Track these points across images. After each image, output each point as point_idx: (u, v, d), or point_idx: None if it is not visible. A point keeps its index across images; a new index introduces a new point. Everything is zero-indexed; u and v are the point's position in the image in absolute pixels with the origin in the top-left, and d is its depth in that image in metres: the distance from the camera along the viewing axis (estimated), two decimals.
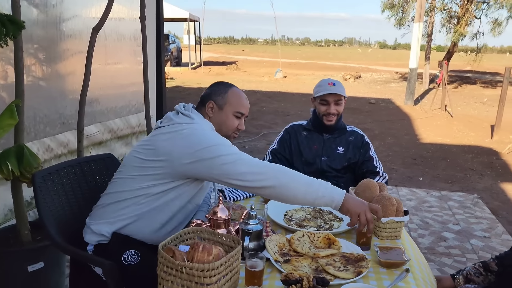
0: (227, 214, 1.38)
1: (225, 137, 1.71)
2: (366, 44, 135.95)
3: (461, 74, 20.65)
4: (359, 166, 2.45)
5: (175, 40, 23.39)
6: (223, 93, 1.76)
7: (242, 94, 1.80)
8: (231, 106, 1.74)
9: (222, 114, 1.75)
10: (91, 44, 3.13)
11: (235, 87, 1.81)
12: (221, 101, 1.75)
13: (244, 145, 6.61)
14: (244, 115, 1.79)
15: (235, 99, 1.76)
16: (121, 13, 4.35)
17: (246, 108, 1.79)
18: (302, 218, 1.76)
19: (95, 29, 3.15)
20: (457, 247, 3.25)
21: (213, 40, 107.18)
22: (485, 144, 7.00)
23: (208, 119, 1.75)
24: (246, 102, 1.80)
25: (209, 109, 1.76)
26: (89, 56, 3.14)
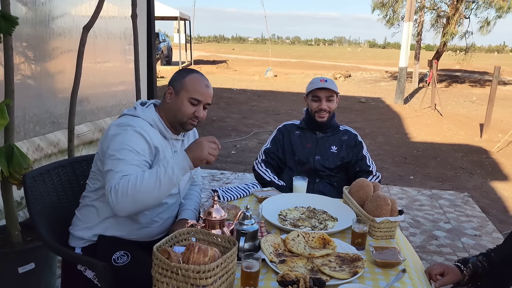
0: (222, 215, 1.38)
1: (181, 124, 1.72)
2: (355, 43, 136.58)
3: (450, 73, 20.86)
4: (352, 166, 2.46)
5: (165, 38, 23.26)
6: (181, 78, 1.73)
7: (202, 81, 1.74)
8: (187, 92, 1.70)
9: (177, 100, 1.71)
10: (82, 42, 3.08)
11: (196, 73, 1.76)
12: (178, 86, 1.72)
13: (236, 144, 6.60)
14: (201, 102, 1.72)
15: (191, 85, 1.71)
16: (111, 11, 4.30)
17: (203, 95, 1.72)
18: (296, 218, 1.75)
19: (86, 28, 3.11)
20: (448, 246, 3.28)
21: (204, 38, 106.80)
22: (475, 142, 7.08)
23: (167, 105, 1.74)
24: (205, 89, 1.73)
25: (168, 95, 1.74)
26: (80, 55, 3.11)
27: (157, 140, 1.69)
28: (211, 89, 1.77)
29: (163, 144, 1.73)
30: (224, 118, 8.72)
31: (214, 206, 1.39)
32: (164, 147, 1.73)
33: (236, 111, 9.62)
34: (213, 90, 1.81)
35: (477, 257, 1.58)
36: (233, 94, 12.40)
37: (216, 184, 4.57)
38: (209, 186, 4.48)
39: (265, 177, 2.42)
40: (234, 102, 10.97)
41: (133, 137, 1.61)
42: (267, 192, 2.01)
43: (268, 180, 2.39)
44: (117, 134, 1.62)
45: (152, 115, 1.72)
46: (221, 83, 15.11)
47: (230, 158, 5.80)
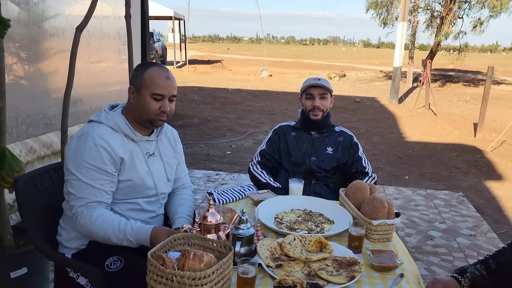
0: (218, 219, 1.36)
1: (149, 122, 1.67)
2: (350, 42, 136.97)
3: (444, 72, 20.97)
4: (348, 167, 2.45)
5: (160, 38, 23.19)
6: (140, 75, 1.64)
7: (161, 73, 1.64)
8: (147, 88, 1.61)
9: (140, 98, 1.63)
10: (75, 43, 3.05)
11: (155, 66, 1.66)
12: (138, 84, 1.64)
13: (231, 145, 6.58)
14: (165, 96, 1.63)
15: (150, 80, 1.62)
16: (105, 11, 4.27)
17: (165, 88, 1.63)
18: (292, 221, 1.74)
19: (79, 28, 3.07)
20: (444, 246, 3.28)
21: (199, 38, 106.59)
22: (469, 142, 7.11)
23: (131, 106, 1.67)
24: (166, 82, 1.63)
25: (130, 95, 1.67)
26: (73, 55, 3.07)
27: (121, 148, 1.63)
28: (173, 80, 1.68)
29: (131, 148, 1.67)
30: (219, 118, 8.70)
31: (209, 210, 1.37)
32: (132, 152, 1.67)
33: (231, 111, 9.60)
34: (206, 89, 1.77)
35: (474, 265, 1.54)
36: (228, 94, 12.38)
37: (212, 185, 4.55)
38: (205, 188, 4.46)
39: (261, 179, 2.40)
40: (229, 102, 10.95)
41: (92, 151, 1.57)
42: (263, 194, 1.99)
43: (264, 182, 2.38)
44: (77, 148, 1.59)
45: (115, 119, 1.65)
46: (216, 83, 15.09)
47: (226, 159, 5.78)
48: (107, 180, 1.60)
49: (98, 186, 1.58)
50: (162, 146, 1.83)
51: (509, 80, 19.12)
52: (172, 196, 1.93)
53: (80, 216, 1.56)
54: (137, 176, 1.69)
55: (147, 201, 1.76)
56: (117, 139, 1.65)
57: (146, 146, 1.75)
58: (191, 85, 13.99)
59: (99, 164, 1.57)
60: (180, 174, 1.97)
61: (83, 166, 1.57)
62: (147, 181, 1.73)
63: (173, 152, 1.89)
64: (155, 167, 1.77)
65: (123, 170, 1.65)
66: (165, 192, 1.84)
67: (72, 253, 1.70)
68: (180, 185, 1.98)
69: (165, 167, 1.82)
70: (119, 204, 1.71)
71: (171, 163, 1.87)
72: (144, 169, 1.72)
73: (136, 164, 1.69)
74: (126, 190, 1.69)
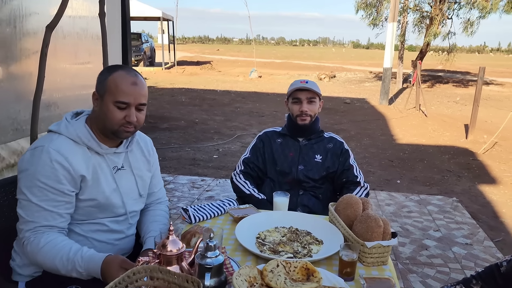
0: (180, 247, 1.15)
1: (113, 133, 1.46)
2: (340, 43, 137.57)
3: (433, 73, 20.98)
4: (338, 176, 2.26)
5: (148, 39, 22.93)
6: (104, 79, 1.44)
7: (127, 79, 1.43)
8: (110, 94, 1.41)
9: (103, 106, 1.43)
10: (45, 43, 2.85)
11: (121, 70, 1.45)
12: (102, 89, 1.44)
13: (218, 148, 6.38)
14: (130, 105, 1.43)
15: (114, 86, 1.41)
16: (81, 10, 4.04)
17: (130, 96, 1.42)
18: (276, 242, 1.54)
19: (49, 27, 2.87)
20: (439, 256, 3.12)
21: (188, 39, 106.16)
22: (461, 144, 6.99)
23: (95, 114, 1.48)
24: (132, 88, 1.42)
25: (94, 101, 1.47)
26: (43, 56, 2.87)
27: (82, 163, 1.43)
28: (142, 86, 1.46)
29: (95, 163, 1.47)
30: (207, 121, 8.49)
31: (169, 238, 1.16)
32: (96, 167, 1.47)
33: (219, 113, 9.39)
34: (194, 91, 1.56)
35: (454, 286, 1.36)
36: (217, 95, 12.17)
37: (196, 191, 4.35)
38: (189, 195, 4.25)
39: (244, 190, 2.21)
40: (218, 104, 10.74)
41: (46, 168, 1.36)
42: (244, 210, 1.79)
43: (248, 193, 2.19)
44: (30, 163, 1.38)
45: (77, 130, 1.45)
46: (205, 84, 14.86)
47: (212, 163, 5.57)
48: (61, 202, 1.39)
49: (51, 208, 1.37)
50: (133, 157, 1.62)
51: (497, 80, 19.19)
52: (144, 212, 1.73)
53: (27, 242, 1.36)
54: (102, 195, 1.48)
55: (114, 221, 1.56)
56: (78, 153, 1.44)
57: (113, 159, 1.54)
58: (179, 87, 13.75)
59: (54, 183, 1.37)
60: (154, 188, 1.76)
61: (34, 185, 1.36)
62: (114, 199, 1.52)
63: (146, 163, 1.69)
64: (124, 182, 1.57)
65: (85, 189, 1.45)
66: (135, 210, 1.64)
67: (26, 281, 1.50)
68: (154, 200, 1.78)
69: (137, 181, 1.62)
70: (81, 224, 1.50)
71: (144, 176, 1.66)
72: (111, 186, 1.51)
73: (101, 180, 1.48)
74: (89, 210, 1.49)
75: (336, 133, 2.46)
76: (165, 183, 4.57)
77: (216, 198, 4.19)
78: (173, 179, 4.73)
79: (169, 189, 4.39)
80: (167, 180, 4.67)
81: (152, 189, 1.75)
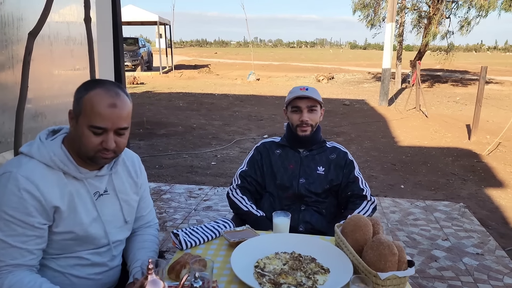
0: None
1: (90, 159, 1.28)
2: (337, 45, 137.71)
3: (431, 73, 20.86)
4: (342, 189, 2.10)
5: (145, 44, 22.83)
6: (79, 98, 1.25)
7: (106, 99, 1.24)
8: (85, 117, 1.23)
9: (78, 128, 1.25)
10: (28, 50, 2.68)
11: (100, 88, 1.26)
12: (77, 109, 1.26)
13: (216, 154, 6.21)
14: (108, 130, 1.25)
15: (90, 107, 1.22)
16: (69, 15, 3.88)
17: (108, 120, 1.23)
18: (277, 271, 1.37)
19: (32, 34, 2.70)
20: (450, 268, 2.95)
21: (186, 43, 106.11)
22: (464, 145, 6.83)
23: (71, 135, 1.31)
24: (110, 111, 1.23)
25: (70, 121, 1.30)
26: (25, 65, 2.70)
27: (56, 192, 1.26)
28: (122, 108, 1.26)
29: (72, 190, 1.30)
30: (205, 126, 8.33)
31: (148, 278, 0.99)
32: (73, 195, 1.30)
33: (217, 118, 9.23)
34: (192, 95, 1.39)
35: None
36: (215, 99, 12.01)
37: (193, 201, 4.18)
38: (186, 205, 4.08)
39: (241, 206, 2.05)
40: (216, 108, 10.58)
41: (13, 198, 1.19)
42: (241, 233, 1.62)
43: (245, 210, 2.02)
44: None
45: (51, 152, 1.27)
46: (203, 88, 14.71)
47: (210, 170, 5.40)
48: (31, 236, 1.22)
49: (19, 244, 1.20)
50: (118, 180, 1.44)
51: (496, 79, 19.07)
52: (131, 238, 1.56)
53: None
54: (80, 227, 1.31)
55: (95, 253, 1.38)
56: (52, 180, 1.26)
57: (94, 184, 1.36)
58: (177, 91, 13.60)
59: (22, 216, 1.20)
60: (142, 211, 1.59)
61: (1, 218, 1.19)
62: (94, 230, 1.35)
63: (133, 186, 1.51)
64: (107, 209, 1.40)
65: (59, 221, 1.27)
66: (120, 239, 1.46)
67: None
68: (142, 224, 1.61)
69: (122, 207, 1.44)
70: (57, 259, 1.33)
71: (130, 200, 1.49)
72: (91, 215, 1.34)
73: (78, 210, 1.31)
74: (65, 244, 1.32)
75: (336, 136, 2.30)
76: (161, 193, 4.40)
77: (214, 208, 4.02)
78: (169, 188, 4.56)
79: (165, 199, 4.22)
80: (163, 189, 4.51)
81: (140, 212, 1.58)
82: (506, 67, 27.91)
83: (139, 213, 1.57)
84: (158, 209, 3.96)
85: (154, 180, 4.90)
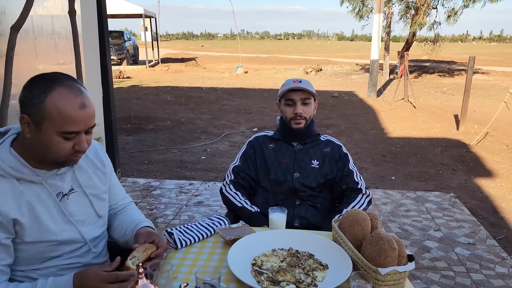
0: None
1: (59, 164, 1.20)
2: (324, 36, 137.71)
3: (418, 63, 20.98)
4: (337, 183, 2.08)
5: (131, 37, 22.52)
6: (38, 102, 1.11)
7: (73, 100, 1.13)
8: (53, 124, 1.12)
9: (41, 136, 1.13)
10: (10, 45, 2.61)
11: (61, 86, 1.13)
12: (37, 115, 1.12)
13: (206, 148, 6.16)
14: (80, 132, 1.16)
15: (57, 113, 1.11)
16: (53, 8, 3.77)
17: (80, 123, 1.14)
18: (275, 269, 1.34)
19: (15, 28, 2.63)
20: (442, 259, 2.96)
21: (172, 36, 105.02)
22: (452, 135, 6.88)
23: (27, 142, 1.17)
24: (81, 113, 1.14)
25: (24, 126, 1.15)
26: (8, 60, 2.63)
27: (12, 202, 1.15)
28: (91, 105, 1.17)
29: (30, 197, 1.19)
30: (194, 120, 8.25)
31: (139, 282, 0.95)
32: (32, 203, 1.19)
33: (206, 111, 9.16)
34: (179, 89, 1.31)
35: None
36: (203, 93, 11.91)
37: (184, 197, 4.13)
38: (176, 201, 4.03)
39: (236, 202, 2.01)
40: (204, 101, 10.49)
41: None
42: (236, 230, 1.59)
43: (239, 206, 1.99)
44: None
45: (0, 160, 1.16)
46: (190, 81, 14.58)
47: (200, 165, 5.35)
48: None
49: None
50: (82, 175, 1.34)
51: (483, 69, 19.27)
52: (112, 221, 1.50)
53: None
54: (47, 234, 1.22)
55: (74, 256, 1.31)
56: (5, 190, 1.15)
57: (56, 184, 1.25)
58: (164, 85, 13.45)
59: None
60: (116, 199, 1.52)
61: None
62: (66, 233, 1.26)
63: (103, 177, 1.41)
64: (77, 208, 1.30)
65: (22, 233, 1.18)
66: (97, 235, 1.38)
67: None
68: (119, 209, 1.55)
69: (92, 203, 1.35)
70: (38, 270, 1.25)
71: (101, 194, 1.40)
72: (58, 220, 1.25)
73: (42, 218, 1.20)
74: (38, 253, 1.23)
75: (326, 128, 2.27)
76: (151, 189, 4.34)
77: (206, 203, 3.99)
78: (159, 184, 4.50)
79: (155, 195, 4.16)
80: (153, 185, 4.45)
81: (114, 200, 1.51)
82: (492, 57, 28.21)
83: (113, 201, 1.51)
84: (149, 206, 3.91)
85: (143, 176, 4.83)
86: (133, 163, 5.25)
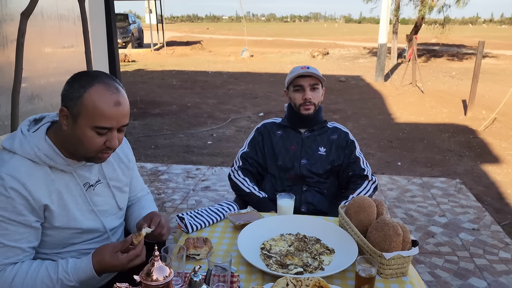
0: (166, 275, 0.99)
1: (88, 159, 1.25)
2: (331, 18, 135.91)
3: (427, 47, 20.73)
4: (344, 169, 2.11)
5: (136, 20, 22.35)
6: (77, 96, 1.16)
7: (109, 97, 1.17)
8: (88, 118, 1.16)
9: (76, 129, 1.18)
10: (21, 32, 2.63)
11: (100, 83, 1.18)
12: (75, 109, 1.17)
13: (212, 133, 6.20)
14: (113, 129, 1.20)
15: (93, 108, 1.16)
16: None
17: (113, 120, 1.18)
18: (283, 253, 1.39)
19: (25, 14, 2.65)
20: (447, 244, 3.00)
21: (177, 18, 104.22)
22: (460, 121, 6.86)
23: (63, 133, 1.22)
24: (115, 110, 1.18)
25: (62, 119, 1.20)
26: (19, 46, 2.66)
27: (44, 189, 1.20)
28: (126, 104, 1.22)
29: (60, 186, 1.24)
30: (199, 104, 8.27)
31: (155, 264, 1.00)
32: (61, 191, 1.25)
33: (211, 96, 9.17)
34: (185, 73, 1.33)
35: None
36: (208, 77, 11.90)
37: (192, 182, 4.19)
38: (184, 185, 4.09)
39: (244, 188, 2.05)
40: (210, 86, 10.49)
41: (1, 199, 1.14)
42: (245, 215, 1.63)
43: (247, 191, 2.03)
44: None
45: (35, 147, 1.20)
46: (196, 65, 14.54)
47: (206, 150, 5.40)
48: (24, 234, 1.19)
49: (12, 243, 1.17)
50: (109, 168, 1.40)
51: (492, 52, 19.00)
52: (128, 210, 1.56)
53: None
54: (74, 222, 1.28)
55: (94, 242, 1.37)
56: (38, 176, 1.20)
57: (84, 175, 1.31)
58: (169, 69, 13.44)
59: (12, 215, 1.16)
60: (135, 191, 1.58)
61: None
62: (90, 223, 1.33)
63: (126, 171, 1.48)
64: (101, 199, 1.37)
65: (50, 219, 1.23)
66: (116, 226, 1.45)
67: None
68: (136, 201, 1.61)
69: (115, 195, 1.41)
70: (60, 254, 1.32)
71: (123, 187, 1.46)
72: (83, 209, 1.31)
73: (70, 206, 1.26)
74: (63, 239, 1.30)
75: (333, 113, 2.28)
76: (159, 173, 4.40)
77: (213, 188, 4.04)
78: (166, 168, 4.56)
79: (163, 180, 4.23)
80: (160, 170, 4.51)
81: (132, 192, 1.57)
82: (502, 40, 27.80)
83: (132, 193, 1.56)
84: (157, 190, 3.97)
85: (150, 160, 4.89)
86: (140, 148, 5.30)
